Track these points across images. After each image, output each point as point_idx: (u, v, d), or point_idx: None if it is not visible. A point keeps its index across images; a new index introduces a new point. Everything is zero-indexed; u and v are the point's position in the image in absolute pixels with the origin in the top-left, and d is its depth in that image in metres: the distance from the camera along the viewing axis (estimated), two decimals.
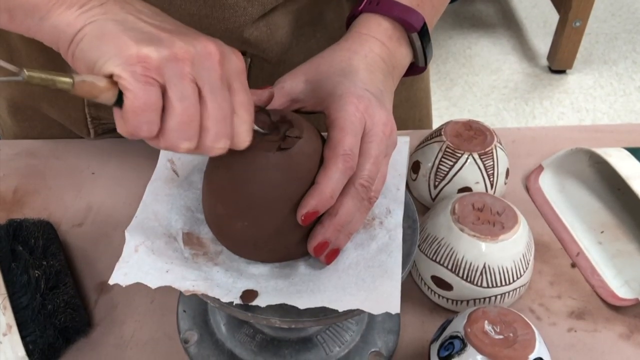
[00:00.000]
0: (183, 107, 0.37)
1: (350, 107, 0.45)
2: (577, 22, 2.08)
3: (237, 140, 0.41)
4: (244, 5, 0.59)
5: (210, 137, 0.39)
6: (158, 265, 0.43)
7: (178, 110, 0.37)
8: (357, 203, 0.44)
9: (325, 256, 0.45)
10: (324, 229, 0.44)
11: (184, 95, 0.37)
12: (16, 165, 0.72)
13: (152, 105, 0.37)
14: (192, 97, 0.37)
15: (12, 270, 0.54)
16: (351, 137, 0.44)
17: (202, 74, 0.38)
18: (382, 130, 0.46)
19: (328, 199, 0.43)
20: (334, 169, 0.43)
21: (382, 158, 0.46)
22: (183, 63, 0.37)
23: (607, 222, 0.66)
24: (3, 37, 0.68)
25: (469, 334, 0.45)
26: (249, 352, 0.52)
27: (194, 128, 0.38)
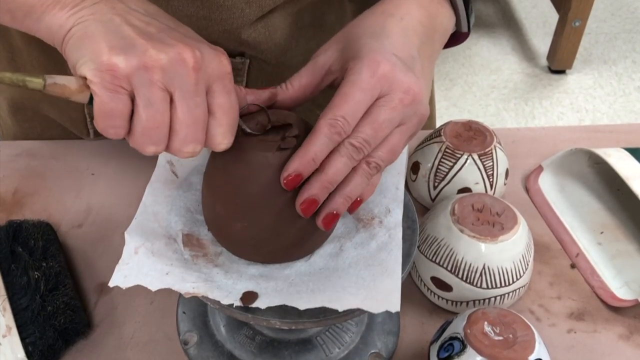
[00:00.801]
0: (148, 114, 0.39)
1: (365, 73, 0.43)
2: (576, 22, 2.08)
3: (212, 142, 0.41)
4: (241, 7, 0.59)
5: (178, 141, 0.40)
6: (158, 267, 0.43)
7: (143, 117, 0.39)
8: (347, 162, 0.43)
9: (322, 220, 0.43)
10: (310, 185, 0.42)
11: (150, 102, 0.39)
12: (16, 166, 0.72)
13: (117, 112, 0.39)
14: (159, 103, 0.39)
15: (12, 271, 0.54)
16: (350, 104, 0.42)
17: (173, 81, 0.39)
18: (401, 97, 0.44)
19: (310, 161, 0.42)
20: (320, 134, 0.42)
21: (391, 126, 0.44)
22: (152, 71, 0.38)
23: (607, 223, 0.66)
24: (4, 36, 0.69)
25: (468, 335, 0.45)
26: (248, 353, 0.52)
27: (160, 133, 0.40)
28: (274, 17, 0.62)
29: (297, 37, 0.66)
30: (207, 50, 0.40)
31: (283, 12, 0.63)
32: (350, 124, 0.43)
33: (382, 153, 0.44)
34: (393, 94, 0.44)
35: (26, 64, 0.70)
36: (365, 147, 0.43)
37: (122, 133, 0.40)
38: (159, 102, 0.39)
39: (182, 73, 0.39)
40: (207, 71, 0.40)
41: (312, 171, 0.43)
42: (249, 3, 0.59)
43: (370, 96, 0.43)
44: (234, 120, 0.42)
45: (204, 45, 0.41)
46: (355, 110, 0.43)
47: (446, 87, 2.23)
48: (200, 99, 0.40)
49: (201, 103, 0.40)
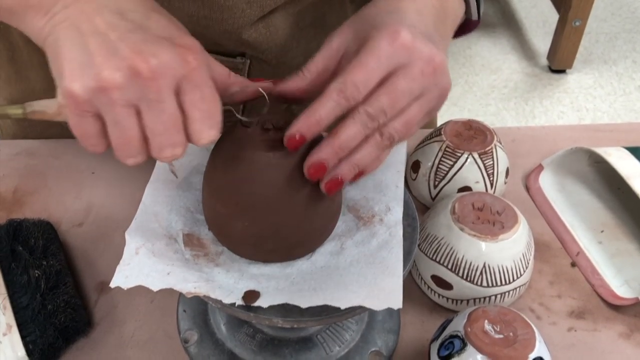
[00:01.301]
0: (116, 133, 0.40)
1: (383, 41, 0.42)
2: (576, 22, 2.08)
3: (193, 139, 0.40)
4: (242, 7, 0.59)
5: (154, 149, 0.40)
6: (159, 268, 0.43)
7: (114, 135, 0.40)
8: (360, 129, 0.42)
9: (325, 184, 0.42)
10: (320, 149, 0.42)
11: (115, 121, 0.39)
12: (16, 165, 0.72)
13: (88, 133, 0.40)
14: (124, 121, 0.39)
15: (12, 270, 0.54)
16: (363, 71, 0.41)
17: (133, 95, 0.38)
18: (421, 67, 0.42)
19: (314, 123, 0.41)
20: (327, 98, 0.41)
21: (410, 97, 0.43)
22: (109, 92, 0.38)
23: (607, 222, 0.66)
24: (4, 35, 0.69)
25: (469, 334, 0.45)
26: (249, 351, 0.52)
27: (133, 147, 0.40)
28: (274, 18, 0.62)
29: (298, 37, 0.66)
30: (165, 53, 0.39)
31: (284, 12, 0.63)
32: (361, 92, 0.42)
33: (397, 125, 0.43)
34: (413, 63, 0.42)
35: (26, 63, 0.70)
36: (380, 116, 0.42)
37: (101, 149, 0.41)
38: (124, 119, 0.39)
39: (139, 85, 0.38)
40: (169, 74, 0.39)
41: (316, 134, 0.42)
42: (249, 3, 0.59)
43: (387, 65, 0.42)
44: (210, 113, 0.40)
45: (163, 47, 0.39)
46: (369, 78, 0.42)
47: None
48: (167, 104, 0.39)
49: (168, 108, 0.39)
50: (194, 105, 0.40)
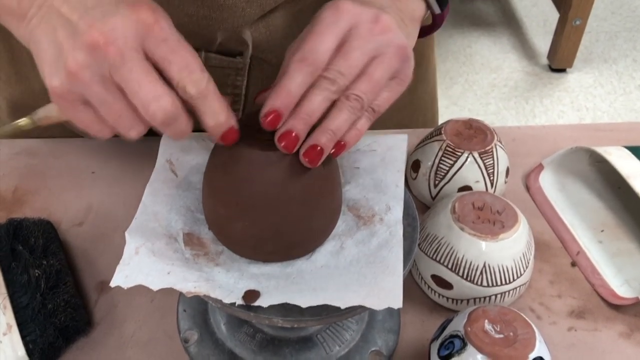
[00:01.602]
0: (105, 110, 0.41)
1: (326, 11, 0.44)
2: (577, 21, 2.08)
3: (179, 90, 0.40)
4: (242, 6, 0.59)
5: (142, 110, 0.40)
6: (159, 267, 0.43)
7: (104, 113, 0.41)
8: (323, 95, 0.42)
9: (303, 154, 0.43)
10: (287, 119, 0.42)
11: (99, 100, 0.40)
12: (16, 164, 0.72)
13: (87, 121, 0.42)
14: (106, 95, 0.40)
15: (12, 269, 0.54)
16: (316, 39, 0.43)
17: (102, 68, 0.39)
18: (369, 27, 0.44)
19: (285, 96, 0.42)
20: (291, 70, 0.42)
21: (363, 56, 0.44)
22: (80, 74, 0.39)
23: (608, 221, 0.66)
24: (4, 37, 0.69)
25: (469, 333, 0.45)
26: (249, 351, 0.52)
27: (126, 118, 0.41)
28: (275, 17, 0.62)
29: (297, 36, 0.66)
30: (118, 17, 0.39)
31: (284, 12, 0.63)
32: (320, 58, 0.42)
33: (362, 86, 0.44)
34: (360, 25, 0.44)
35: (26, 64, 0.70)
36: (338, 78, 0.43)
37: (107, 133, 0.42)
38: (105, 94, 0.40)
39: (101, 57, 0.39)
40: (126, 36, 0.39)
41: (290, 107, 0.42)
42: (249, 2, 0.59)
43: (336, 31, 0.43)
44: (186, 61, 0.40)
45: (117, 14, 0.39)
46: (322, 43, 0.43)
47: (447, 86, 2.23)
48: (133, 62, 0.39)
49: (136, 65, 0.39)
50: (165, 58, 0.40)
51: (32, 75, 0.70)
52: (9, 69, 0.71)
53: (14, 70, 0.71)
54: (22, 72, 0.70)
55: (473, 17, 2.55)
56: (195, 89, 0.40)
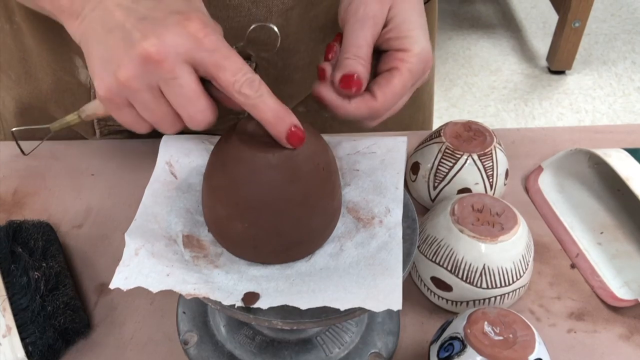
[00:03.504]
0: (147, 115, 0.44)
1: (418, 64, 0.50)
2: (576, 23, 2.08)
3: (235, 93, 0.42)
4: (247, 7, 0.59)
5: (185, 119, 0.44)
6: (158, 269, 0.43)
7: (147, 116, 0.44)
8: None
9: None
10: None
11: (144, 106, 0.43)
12: (16, 166, 0.72)
13: (130, 121, 0.45)
14: (150, 103, 0.43)
15: (12, 271, 0.54)
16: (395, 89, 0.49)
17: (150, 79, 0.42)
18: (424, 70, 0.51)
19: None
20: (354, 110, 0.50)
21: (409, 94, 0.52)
22: (129, 83, 0.42)
23: (607, 223, 0.66)
24: (17, 36, 0.69)
25: (468, 335, 0.45)
26: (248, 353, 0.52)
27: (168, 121, 0.44)
28: (286, 21, 0.62)
29: (307, 40, 0.66)
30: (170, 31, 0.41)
31: (297, 17, 0.62)
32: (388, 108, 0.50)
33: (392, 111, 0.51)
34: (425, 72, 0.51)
35: (36, 64, 0.70)
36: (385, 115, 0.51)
37: (147, 129, 0.46)
38: (150, 102, 0.43)
39: (152, 69, 0.41)
40: (177, 51, 0.41)
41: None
42: (255, 3, 0.59)
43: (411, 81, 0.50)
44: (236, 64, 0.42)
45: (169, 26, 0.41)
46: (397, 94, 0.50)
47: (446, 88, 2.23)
48: (183, 78, 0.42)
49: (185, 81, 0.42)
50: (218, 66, 0.42)
51: (42, 75, 0.70)
52: (19, 68, 0.71)
53: (24, 70, 0.71)
54: (32, 72, 0.70)
55: (472, 19, 2.55)
56: (251, 89, 0.42)
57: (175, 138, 0.54)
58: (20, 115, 0.76)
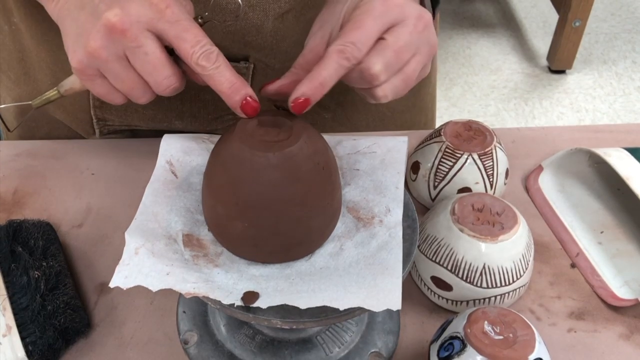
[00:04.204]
0: (119, 84, 0.46)
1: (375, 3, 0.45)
2: (576, 22, 2.08)
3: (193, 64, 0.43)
4: (244, 10, 0.59)
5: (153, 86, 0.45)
6: (158, 268, 0.43)
7: (118, 86, 0.46)
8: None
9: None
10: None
11: (114, 74, 0.45)
12: (16, 166, 0.72)
13: (104, 92, 0.47)
14: (119, 71, 0.45)
15: (12, 271, 0.54)
16: (361, 30, 0.44)
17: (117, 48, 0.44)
18: (414, 23, 0.45)
19: (318, 86, 0.44)
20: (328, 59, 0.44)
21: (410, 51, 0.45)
22: (97, 53, 0.44)
23: (607, 223, 0.66)
24: (16, 36, 0.69)
25: (468, 335, 0.45)
26: (248, 352, 0.52)
27: (138, 89, 0.46)
28: (283, 24, 0.62)
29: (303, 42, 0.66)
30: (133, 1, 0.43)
31: (293, 19, 0.62)
32: (361, 50, 0.44)
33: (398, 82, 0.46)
34: (407, 20, 0.45)
35: (34, 65, 0.70)
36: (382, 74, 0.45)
37: (121, 100, 0.48)
38: (119, 71, 0.45)
39: (117, 39, 0.43)
40: (140, 21, 0.43)
41: (320, 96, 0.44)
42: (252, 7, 0.59)
43: (382, 23, 0.45)
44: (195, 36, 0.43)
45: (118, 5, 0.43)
46: (367, 36, 0.44)
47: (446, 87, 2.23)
48: (147, 46, 0.43)
49: (149, 49, 0.43)
50: (178, 37, 0.43)
51: (41, 76, 0.70)
52: (18, 68, 0.71)
53: (23, 70, 0.71)
54: (31, 73, 0.71)
55: (473, 19, 2.55)
56: (208, 61, 0.43)
57: (176, 137, 0.54)
58: (20, 115, 0.76)
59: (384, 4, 0.45)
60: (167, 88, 0.45)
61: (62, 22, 0.47)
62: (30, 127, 0.77)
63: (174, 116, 0.70)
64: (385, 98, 0.47)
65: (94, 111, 0.71)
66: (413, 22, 0.45)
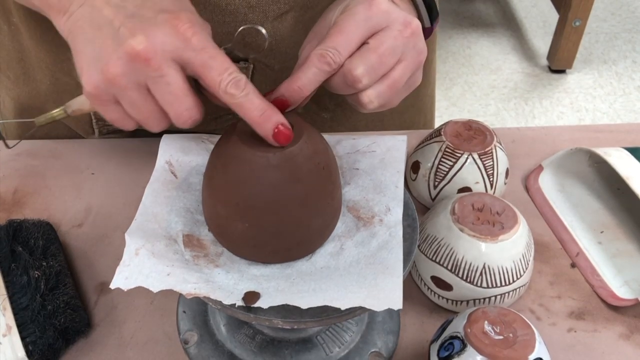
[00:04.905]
0: (134, 112, 0.44)
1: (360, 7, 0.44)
2: (576, 22, 2.08)
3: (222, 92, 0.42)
4: (244, 12, 0.59)
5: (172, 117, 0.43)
6: (159, 268, 0.43)
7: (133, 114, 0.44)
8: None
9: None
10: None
11: (130, 103, 0.43)
12: (16, 166, 0.72)
13: (116, 117, 0.45)
14: (137, 100, 0.43)
15: (12, 270, 0.54)
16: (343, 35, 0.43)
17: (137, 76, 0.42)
18: (399, 28, 0.44)
19: (295, 89, 0.43)
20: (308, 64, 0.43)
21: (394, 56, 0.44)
22: (116, 80, 0.42)
23: (607, 222, 0.66)
24: (15, 36, 0.69)
25: (468, 335, 0.45)
26: (248, 352, 0.52)
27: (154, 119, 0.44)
28: (282, 24, 0.62)
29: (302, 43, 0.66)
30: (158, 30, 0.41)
31: (292, 20, 0.62)
32: (342, 54, 0.43)
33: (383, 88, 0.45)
34: (392, 25, 0.44)
35: (34, 65, 0.70)
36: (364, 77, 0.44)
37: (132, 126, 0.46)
38: (137, 99, 0.43)
39: (139, 67, 0.41)
40: (164, 49, 0.41)
41: (299, 100, 0.44)
42: (251, 8, 0.59)
43: (366, 28, 0.44)
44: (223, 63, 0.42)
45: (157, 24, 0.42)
46: (348, 40, 0.43)
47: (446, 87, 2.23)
48: (170, 76, 0.41)
49: (172, 79, 0.41)
50: (205, 65, 0.42)
51: (40, 76, 0.70)
52: (17, 69, 0.71)
53: (22, 70, 0.71)
54: (30, 73, 0.71)
55: (473, 18, 2.55)
56: (237, 89, 0.42)
57: (175, 137, 0.54)
58: (19, 115, 0.76)
59: (369, 9, 0.44)
60: (188, 120, 0.43)
61: (74, 39, 0.44)
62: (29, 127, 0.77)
63: None
64: (371, 104, 0.46)
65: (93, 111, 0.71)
66: (398, 28, 0.44)
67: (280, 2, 0.60)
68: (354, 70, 0.44)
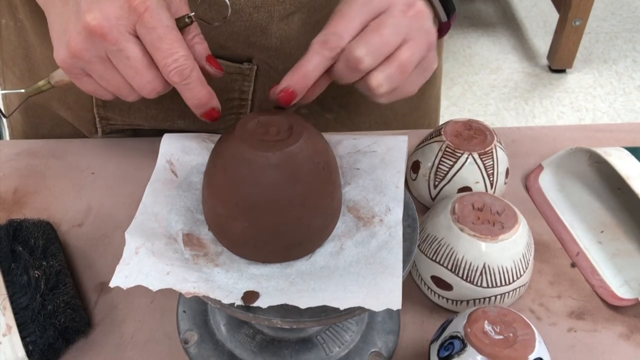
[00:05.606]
0: (104, 83, 0.45)
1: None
2: (577, 21, 2.08)
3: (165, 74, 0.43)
4: (249, 11, 0.59)
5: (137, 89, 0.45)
6: (159, 267, 0.43)
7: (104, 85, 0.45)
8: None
9: None
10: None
11: (99, 75, 0.45)
12: (16, 165, 0.72)
13: (91, 89, 0.46)
14: (104, 73, 0.44)
15: (12, 270, 0.54)
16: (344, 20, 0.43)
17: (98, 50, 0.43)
18: (402, 9, 0.44)
19: (301, 77, 0.44)
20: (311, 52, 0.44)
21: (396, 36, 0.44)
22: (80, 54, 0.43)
23: (607, 222, 0.66)
24: (21, 33, 0.69)
25: (468, 334, 0.45)
26: (248, 352, 0.52)
27: (124, 89, 0.45)
28: (288, 26, 0.62)
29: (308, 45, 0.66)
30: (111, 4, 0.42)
31: (299, 21, 0.62)
32: (343, 38, 0.43)
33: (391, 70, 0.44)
34: (393, 6, 0.44)
35: (39, 61, 0.70)
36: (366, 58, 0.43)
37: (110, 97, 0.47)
38: (103, 72, 0.44)
39: (97, 42, 0.42)
40: (118, 24, 0.42)
41: (305, 88, 0.44)
42: (257, 8, 0.59)
43: (367, 11, 0.44)
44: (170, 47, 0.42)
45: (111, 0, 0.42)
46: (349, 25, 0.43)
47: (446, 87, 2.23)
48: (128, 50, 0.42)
49: (131, 53, 0.42)
50: (152, 45, 0.42)
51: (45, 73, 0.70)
52: (23, 65, 0.71)
53: (28, 67, 0.71)
54: (35, 69, 0.71)
55: (473, 18, 2.55)
56: (178, 77, 0.43)
57: (176, 137, 0.54)
58: (24, 112, 0.76)
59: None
60: (151, 92, 0.44)
61: (47, 13, 0.47)
62: (34, 124, 0.77)
63: (176, 115, 0.70)
64: (381, 87, 0.45)
65: (96, 110, 0.71)
66: (400, 8, 0.44)
67: (287, 2, 0.59)
68: (355, 52, 0.44)
